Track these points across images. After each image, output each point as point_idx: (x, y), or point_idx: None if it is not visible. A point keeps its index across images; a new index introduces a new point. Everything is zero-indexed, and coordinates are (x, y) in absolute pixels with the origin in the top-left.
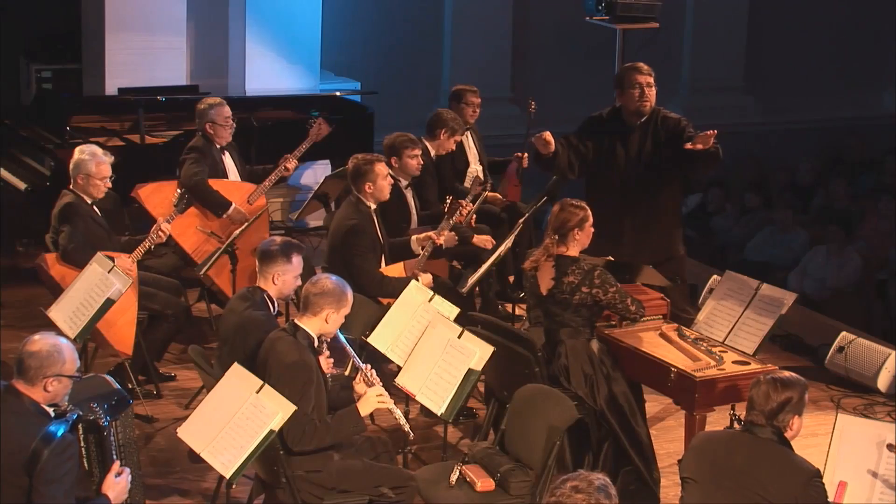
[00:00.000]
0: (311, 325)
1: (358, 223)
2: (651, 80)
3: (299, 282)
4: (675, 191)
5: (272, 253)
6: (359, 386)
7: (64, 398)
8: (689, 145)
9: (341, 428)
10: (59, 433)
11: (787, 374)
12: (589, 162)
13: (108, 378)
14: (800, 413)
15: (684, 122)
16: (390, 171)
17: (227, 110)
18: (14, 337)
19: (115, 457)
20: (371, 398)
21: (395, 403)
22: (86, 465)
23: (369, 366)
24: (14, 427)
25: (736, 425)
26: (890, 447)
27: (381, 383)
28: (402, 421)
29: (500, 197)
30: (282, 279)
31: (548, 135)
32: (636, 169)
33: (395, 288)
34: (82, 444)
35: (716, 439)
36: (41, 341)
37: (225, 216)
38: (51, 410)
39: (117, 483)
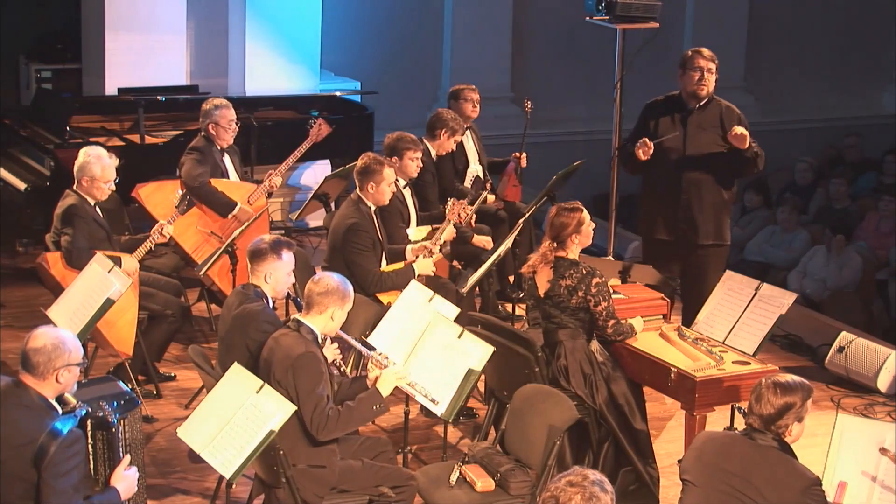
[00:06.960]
0: (317, 323)
1: (357, 221)
2: (713, 66)
3: (293, 279)
4: (727, 180)
5: (262, 251)
6: (372, 372)
7: (73, 389)
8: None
9: (364, 410)
10: (67, 427)
11: (789, 377)
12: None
13: (119, 383)
14: (801, 419)
15: (742, 120)
16: None
17: (232, 113)
18: (14, 337)
19: (122, 454)
20: (390, 376)
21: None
22: (91, 463)
23: (377, 350)
24: (22, 420)
25: (740, 417)
26: (882, 451)
27: (394, 363)
28: (420, 397)
29: (492, 199)
30: (274, 276)
31: (648, 141)
32: (693, 148)
33: (396, 282)
34: (90, 441)
35: (715, 441)
36: (44, 336)
37: (231, 216)
38: (58, 406)
39: (126, 476)
